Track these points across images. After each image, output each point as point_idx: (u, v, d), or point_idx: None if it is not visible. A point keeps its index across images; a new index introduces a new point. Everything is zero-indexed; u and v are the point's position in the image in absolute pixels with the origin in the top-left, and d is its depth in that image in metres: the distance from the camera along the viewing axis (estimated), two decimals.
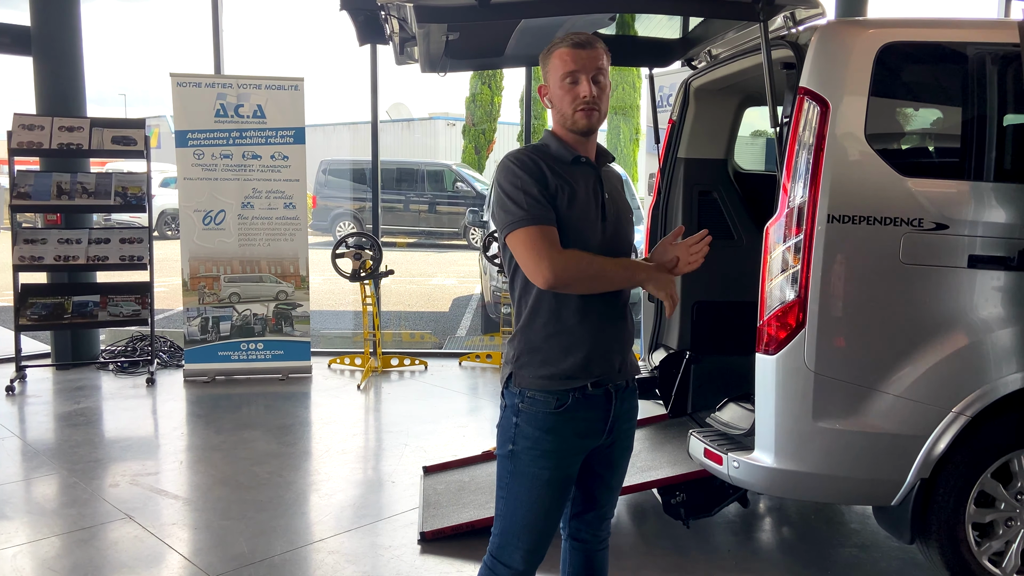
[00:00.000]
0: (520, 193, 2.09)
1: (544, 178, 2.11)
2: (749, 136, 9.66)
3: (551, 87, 2.19)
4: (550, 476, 2.17)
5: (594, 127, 2.18)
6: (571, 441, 2.18)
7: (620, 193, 2.29)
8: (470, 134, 22.77)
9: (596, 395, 2.19)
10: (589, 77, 2.12)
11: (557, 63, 2.15)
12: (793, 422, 3.04)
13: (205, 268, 6.61)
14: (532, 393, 2.17)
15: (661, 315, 4.59)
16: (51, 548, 3.61)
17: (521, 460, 2.18)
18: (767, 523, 4.09)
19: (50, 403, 5.93)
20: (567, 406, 2.16)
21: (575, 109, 2.14)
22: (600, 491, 2.36)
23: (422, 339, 9.27)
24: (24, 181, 6.35)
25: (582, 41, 2.13)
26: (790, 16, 3.24)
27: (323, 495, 4.26)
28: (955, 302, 3.02)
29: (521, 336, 2.20)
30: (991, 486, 3.08)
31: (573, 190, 2.14)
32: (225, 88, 6.52)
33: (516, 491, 2.20)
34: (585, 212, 2.16)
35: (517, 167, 2.12)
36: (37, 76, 6.77)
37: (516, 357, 2.21)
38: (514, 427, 2.19)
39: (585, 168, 2.20)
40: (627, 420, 2.32)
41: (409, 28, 3.22)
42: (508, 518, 2.23)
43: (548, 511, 2.21)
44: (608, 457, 2.32)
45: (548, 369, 2.16)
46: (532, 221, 2.07)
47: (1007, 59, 3.04)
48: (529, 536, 2.21)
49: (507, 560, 2.23)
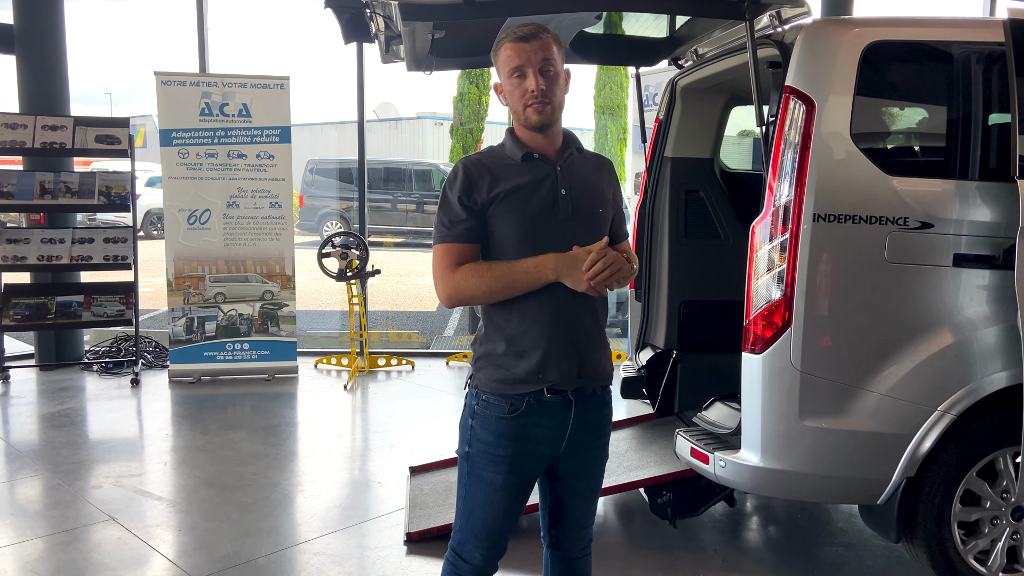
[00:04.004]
0: (445, 206, 2.10)
1: (475, 187, 2.07)
2: (736, 136, 9.68)
3: (503, 84, 2.13)
4: (504, 481, 2.14)
5: (548, 122, 2.09)
6: (525, 447, 2.12)
7: (592, 184, 2.19)
8: (458, 133, 22.69)
9: (553, 402, 2.12)
10: (536, 69, 2.05)
11: (503, 58, 2.09)
12: (779, 421, 3.04)
13: (190, 268, 6.56)
14: (487, 396, 2.13)
15: (648, 314, 4.59)
16: (34, 550, 3.57)
17: (476, 463, 2.16)
18: (754, 522, 4.10)
19: (34, 404, 5.88)
20: (520, 412, 2.10)
21: (525, 104, 2.07)
22: (572, 501, 2.28)
23: (409, 339, 9.25)
24: (7, 180, 6.30)
25: (526, 34, 2.06)
26: (776, 15, 3.25)
27: (309, 496, 4.24)
28: (940, 301, 3.03)
29: (480, 339, 2.18)
30: (977, 485, 3.09)
31: (518, 190, 2.08)
32: (210, 87, 6.48)
33: (472, 493, 2.19)
34: (534, 211, 2.08)
35: (452, 177, 2.11)
36: (20, 74, 6.71)
37: (475, 359, 2.18)
38: (470, 429, 2.17)
39: (539, 164, 2.12)
40: (593, 430, 2.21)
41: (394, 26, 3.20)
42: (466, 517, 2.22)
43: (504, 513, 2.19)
44: (575, 466, 2.23)
45: (502, 373, 2.11)
46: (445, 238, 2.10)
47: (992, 58, 3.05)
48: (487, 536, 2.21)
49: (467, 556, 2.24)
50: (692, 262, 4.39)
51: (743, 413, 3.13)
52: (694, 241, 4.45)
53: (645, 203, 4.53)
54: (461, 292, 2.08)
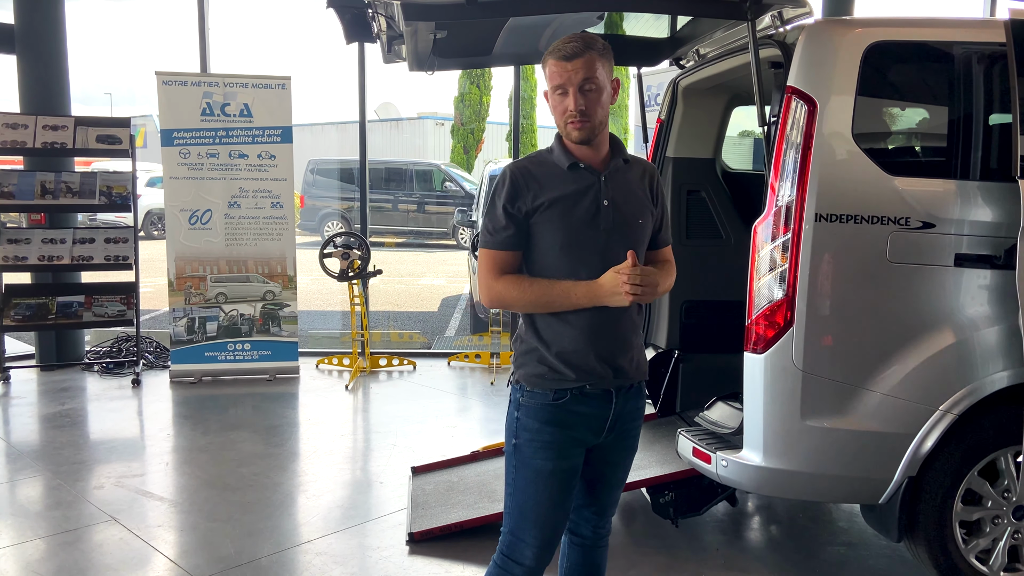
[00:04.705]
0: (491, 212, 2.19)
1: (520, 195, 2.15)
2: (737, 136, 9.69)
3: (549, 96, 2.19)
4: (553, 467, 2.19)
5: (588, 138, 2.15)
6: (570, 432, 2.20)
7: (634, 195, 2.23)
8: (459, 134, 22.73)
9: (594, 394, 2.20)
10: (576, 89, 2.10)
11: (548, 74, 2.15)
12: (781, 421, 3.04)
13: (191, 268, 6.57)
14: (531, 388, 2.21)
15: (650, 314, 4.59)
16: (35, 551, 3.57)
17: (523, 452, 2.22)
18: (755, 522, 4.10)
19: (34, 404, 5.88)
20: (565, 400, 2.18)
21: (566, 121, 2.14)
22: (600, 488, 2.36)
23: (411, 339, 9.25)
24: (7, 180, 6.30)
25: (568, 53, 2.09)
26: (778, 15, 3.24)
27: (311, 496, 4.24)
28: (942, 301, 3.03)
29: (520, 336, 2.26)
30: (978, 484, 3.09)
31: (563, 198, 2.14)
32: (211, 87, 6.48)
33: (522, 485, 2.23)
34: (577, 221, 2.15)
35: (501, 183, 2.18)
36: (21, 74, 6.71)
37: (517, 356, 2.27)
38: (516, 421, 2.24)
39: (584, 174, 2.18)
40: (631, 419, 2.31)
41: (396, 26, 3.21)
42: (517, 513, 2.25)
43: (555, 503, 2.22)
44: (610, 455, 2.32)
45: (543, 369, 2.19)
46: (488, 245, 2.20)
47: (993, 58, 3.05)
48: (539, 530, 2.22)
49: (518, 557, 2.24)
50: (694, 262, 4.39)
51: (745, 413, 3.13)
52: (696, 241, 4.46)
53: None
54: (502, 299, 2.20)
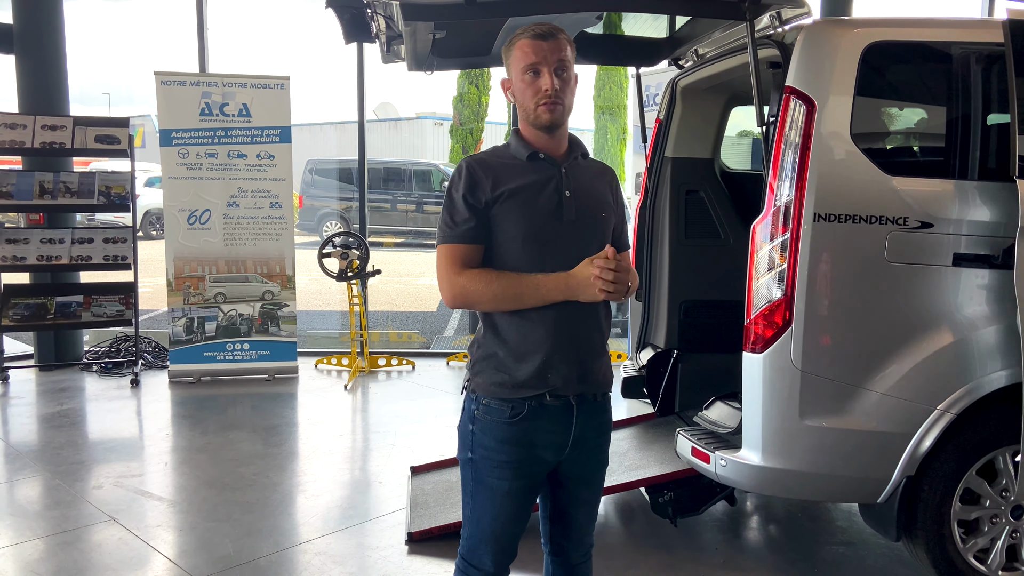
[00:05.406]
0: (450, 205, 2.08)
1: (478, 186, 2.05)
2: (735, 136, 9.68)
3: (513, 81, 2.11)
4: (510, 487, 2.10)
5: (558, 122, 2.07)
6: (529, 451, 2.09)
7: (595, 189, 2.17)
8: (457, 134, 22.69)
9: (555, 406, 2.08)
10: (551, 69, 2.03)
11: (518, 55, 2.07)
12: (780, 420, 3.04)
13: (190, 268, 6.57)
14: (487, 401, 2.10)
15: (649, 314, 4.59)
16: (34, 551, 3.57)
17: (480, 469, 2.13)
18: (754, 521, 4.10)
19: (33, 404, 5.88)
20: (522, 415, 2.07)
21: (537, 103, 2.05)
22: (574, 508, 2.26)
23: (409, 339, 9.25)
24: (6, 180, 6.30)
25: (544, 32, 2.04)
26: (776, 15, 3.25)
27: (310, 496, 4.24)
28: (940, 300, 3.03)
29: (478, 341, 2.15)
30: (976, 483, 3.10)
31: (524, 188, 2.06)
32: (210, 87, 6.48)
33: (480, 500, 2.15)
34: (539, 211, 2.06)
35: (456, 176, 2.09)
36: (19, 74, 6.71)
37: (473, 363, 2.15)
38: (471, 435, 2.14)
39: (544, 165, 2.10)
40: (596, 435, 2.20)
41: (395, 26, 3.20)
42: (475, 524, 2.18)
43: (514, 519, 2.16)
44: (577, 473, 2.20)
45: (501, 376, 2.08)
46: (448, 239, 2.07)
47: (991, 58, 3.06)
48: (496, 542, 2.17)
49: (478, 563, 2.19)
50: (693, 262, 4.39)
51: (744, 412, 3.14)
52: (694, 241, 4.46)
53: (645, 203, 4.54)
54: (466, 296, 2.07)
